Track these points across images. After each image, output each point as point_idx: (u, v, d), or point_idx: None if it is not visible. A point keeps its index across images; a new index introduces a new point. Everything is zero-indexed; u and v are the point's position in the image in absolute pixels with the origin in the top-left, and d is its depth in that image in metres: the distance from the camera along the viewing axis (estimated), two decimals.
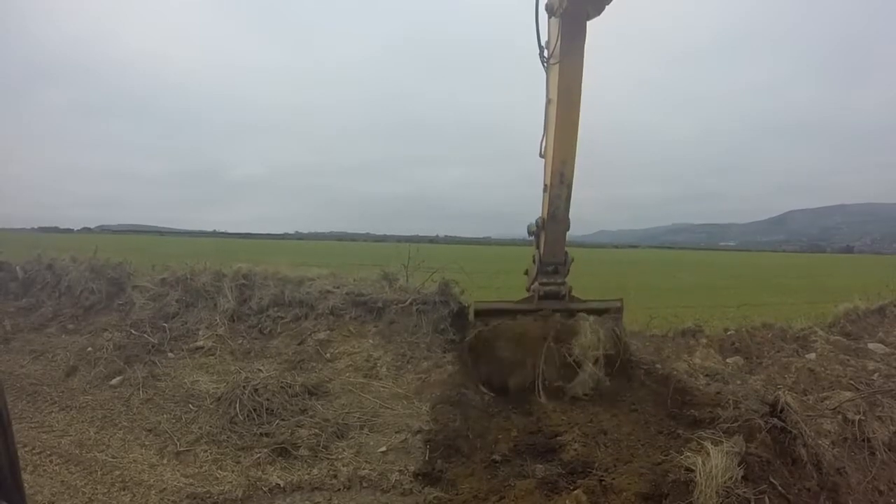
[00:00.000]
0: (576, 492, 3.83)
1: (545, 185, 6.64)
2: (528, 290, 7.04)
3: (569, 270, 6.90)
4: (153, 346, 7.00)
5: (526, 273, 7.25)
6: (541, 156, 6.72)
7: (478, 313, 6.84)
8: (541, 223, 6.75)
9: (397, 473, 4.50)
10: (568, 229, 6.74)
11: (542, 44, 6.35)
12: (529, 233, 7.01)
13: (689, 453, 3.93)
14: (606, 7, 5.68)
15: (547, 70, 6.45)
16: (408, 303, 7.39)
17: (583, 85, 6.11)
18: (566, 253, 6.87)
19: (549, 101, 6.45)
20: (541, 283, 6.76)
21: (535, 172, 6.82)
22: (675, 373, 6.65)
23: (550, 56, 6.25)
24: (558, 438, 4.94)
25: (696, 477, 3.67)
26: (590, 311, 6.66)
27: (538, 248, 6.87)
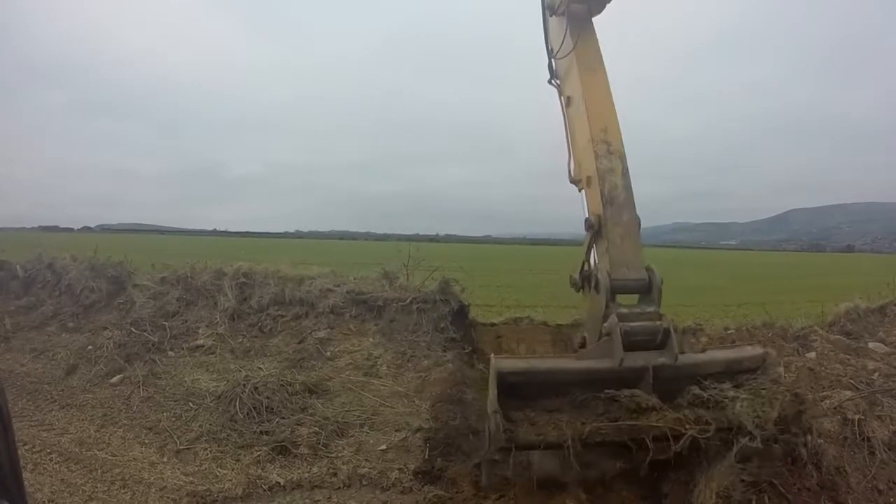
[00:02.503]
0: (576, 490, 3.84)
1: (587, 179, 4.58)
2: (580, 348, 4.41)
3: (660, 295, 4.08)
4: (153, 345, 7.00)
5: (583, 343, 4.41)
6: (572, 181, 4.96)
7: (503, 382, 3.75)
8: (595, 223, 4.31)
9: (397, 472, 4.51)
10: (640, 224, 4.34)
11: (550, 47, 5.53)
12: (573, 285, 4.53)
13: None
14: (607, 6, 5.62)
15: (560, 75, 5.49)
16: (408, 301, 7.38)
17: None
18: (650, 268, 4.15)
19: (568, 101, 5.19)
20: (620, 318, 3.86)
21: (535, 172, 6.55)
22: None
23: (559, 52, 5.33)
24: None
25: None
26: (720, 374, 4.03)
27: (597, 262, 4.30)
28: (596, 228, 4.29)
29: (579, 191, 4.77)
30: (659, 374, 3.78)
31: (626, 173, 4.36)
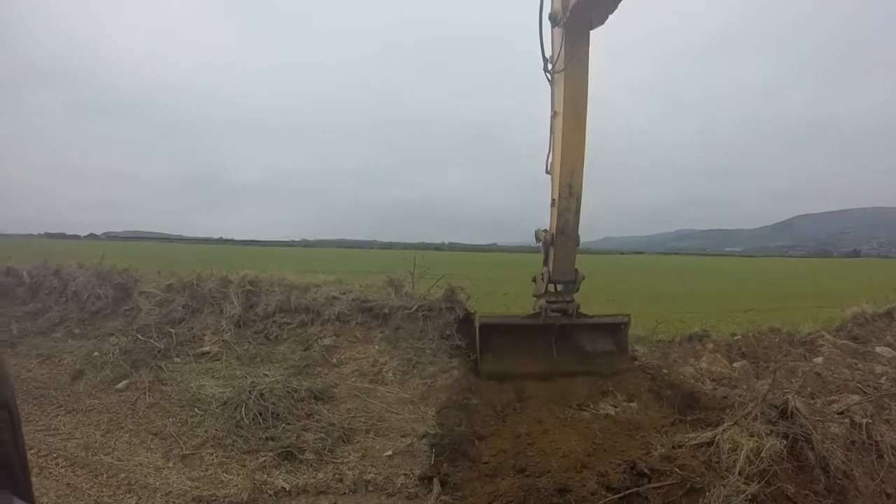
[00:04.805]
0: None
1: (553, 200, 6.43)
2: (534, 297, 6.90)
3: (578, 288, 6.70)
4: (159, 351, 7.02)
5: (534, 280, 7.02)
6: (547, 172, 6.57)
7: (483, 328, 6.63)
8: (550, 239, 6.50)
9: (403, 477, 4.51)
10: (578, 245, 6.51)
11: (546, 55, 6.22)
12: (537, 239, 6.79)
13: None
14: (609, 17, 5.68)
15: (552, 82, 6.30)
16: (414, 309, 7.40)
17: (588, 92, 6.02)
18: (576, 270, 6.63)
19: (554, 114, 6.28)
20: (548, 301, 6.58)
21: (538, 175, 6.70)
22: (681, 377, 6.63)
23: (555, 66, 6.12)
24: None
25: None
26: (597, 327, 6.80)
27: (546, 263, 6.66)
28: (550, 243, 6.49)
29: (551, 179, 6.47)
30: (563, 328, 6.66)
31: (577, 210, 6.28)
